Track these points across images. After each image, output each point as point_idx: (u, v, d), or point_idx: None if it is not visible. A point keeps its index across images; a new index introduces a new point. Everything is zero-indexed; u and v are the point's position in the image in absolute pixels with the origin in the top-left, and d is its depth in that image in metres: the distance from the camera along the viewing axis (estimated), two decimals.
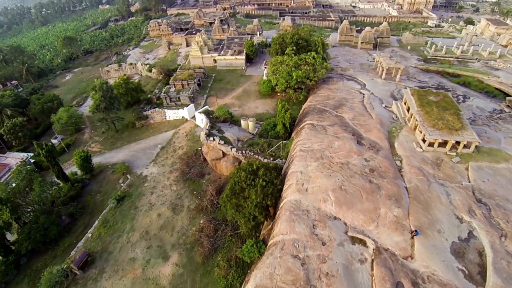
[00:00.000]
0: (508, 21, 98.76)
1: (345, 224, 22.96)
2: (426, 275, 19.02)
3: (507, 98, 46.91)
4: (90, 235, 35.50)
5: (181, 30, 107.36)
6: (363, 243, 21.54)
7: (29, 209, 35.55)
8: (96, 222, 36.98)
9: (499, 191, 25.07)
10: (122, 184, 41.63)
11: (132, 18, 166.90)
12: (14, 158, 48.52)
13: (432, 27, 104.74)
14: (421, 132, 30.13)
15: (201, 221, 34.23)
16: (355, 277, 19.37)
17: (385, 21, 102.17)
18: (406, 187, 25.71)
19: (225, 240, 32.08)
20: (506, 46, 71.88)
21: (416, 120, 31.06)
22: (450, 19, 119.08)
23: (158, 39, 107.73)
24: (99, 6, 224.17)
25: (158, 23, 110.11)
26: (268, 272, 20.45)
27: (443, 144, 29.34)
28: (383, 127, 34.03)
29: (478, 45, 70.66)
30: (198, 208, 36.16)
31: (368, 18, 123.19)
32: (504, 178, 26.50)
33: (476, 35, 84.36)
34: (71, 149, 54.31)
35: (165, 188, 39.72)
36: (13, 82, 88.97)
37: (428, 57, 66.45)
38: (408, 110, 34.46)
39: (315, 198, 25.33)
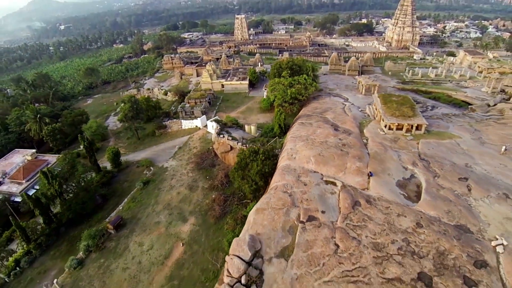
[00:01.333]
0: (488, 53, 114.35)
1: (321, 174, 32.47)
2: (376, 197, 28.15)
3: (470, 107, 58.31)
4: (121, 207, 44.49)
5: (191, 63, 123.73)
6: (333, 183, 30.86)
7: (71, 187, 44.81)
8: (126, 199, 46.14)
9: (439, 154, 34.84)
10: (146, 173, 51.31)
11: (145, 55, 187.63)
12: (52, 156, 58.65)
13: (417, 60, 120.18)
14: (383, 120, 40.63)
15: (213, 195, 43.35)
16: (326, 200, 28.49)
17: (375, 56, 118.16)
18: (368, 153, 35.57)
19: (232, 207, 40.92)
20: (480, 72, 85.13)
21: (380, 113, 41.73)
22: (434, 53, 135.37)
23: (171, 71, 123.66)
24: (114, 45, 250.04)
25: (171, 57, 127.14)
26: (265, 201, 29.59)
27: (400, 128, 39.66)
28: (356, 121, 44.78)
29: (456, 71, 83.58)
30: (210, 187, 45.47)
31: (359, 54, 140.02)
32: (445, 147, 36.42)
33: (453, 63, 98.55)
34: (98, 153, 64.60)
35: (183, 175, 49.34)
36: (40, 104, 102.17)
37: (406, 80, 79.37)
38: (376, 109, 45.27)
39: (301, 162, 35.12)
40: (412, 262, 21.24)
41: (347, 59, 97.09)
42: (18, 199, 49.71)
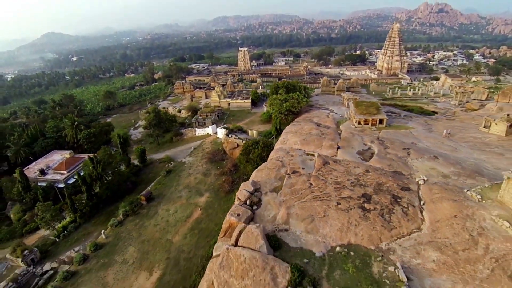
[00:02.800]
0: (473, 77, 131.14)
1: (304, 150, 45.06)
2: (341, 160, 40.45)
3: (436, 114, 71.84)
4: (149, 188, 56.37)
5: (200, 88, 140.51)
6: (312, 155, 43.28)
7: (109, 172, 57.06)
8: (152, 183, 58.16)
9: (393, 137, 47.55)
10: (168, 166, 63.76)
11: (156, 83, 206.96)
12: (86, 155, 71.39)
13: (404, 84, 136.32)
14: (354, 118, 53.84)
15: (223, 178, 55.47)
16: (306, 163, 40.78)
17: (366, 82, 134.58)
18: (340, 138, 48.42)
19: (238, 185, 52.67)
20: (457, 93, 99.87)
21: (352, 113, 55.11)
22: (422, 79, 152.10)
23: (182, 95, 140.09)
24: (125, 75, 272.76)
25: (182, 83, 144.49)
26: (263, 165, 41.94)
27: (367, 123, 52.74)
28: (335, 120, 58.20)
29: (431, 90, 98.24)
30: (221, 173, 57.74)
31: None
32: (400, 134, 49.22)
33: (433, 85, 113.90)
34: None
35: (198, 166, 61.84)
36: None
37: (387, 98, 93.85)
38: (350, 112, 58.73)
39: (290, 144, 47.94)
40: (359, 188, 33.23)
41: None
42: (61, 185, 61.82)
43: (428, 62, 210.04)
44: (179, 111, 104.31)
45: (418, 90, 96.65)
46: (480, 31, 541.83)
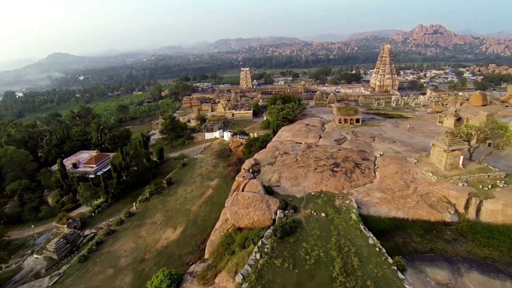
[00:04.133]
0: (459, 92, 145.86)
1: (294, 141, 58.02)
2: (321, 144, 53.34)
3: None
4: (169, 175, 68.73)
5: (206, 102, 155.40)
6: (300, 143, 56.23)
7: (134, 162, 69.69)
8: (170, 174, 70.53)
9: (365, 131, 60.68)
10: (182, 161, 76.42)
11: (163, 100, 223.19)
12: (111, 154, 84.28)
13: (395, 100, 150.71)
14: (336, 118, 67.12)
15: (229, 168, 67.95)
16: (295, 148, 53.64)
17: (357, 98, 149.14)
18: (323, 132, 61.48)
19: None
20: (432, 102, 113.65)
21: (334, 115, 68.49)
22: (412, 95, 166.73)
23: (189, 109, 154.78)
24: (133, 92, 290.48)
25: (189, 98, 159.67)
26: (262, 150, 54.80)
27: (347, 122, 65.89)
28: (321, 122, 71.51)
29: (413, 101, 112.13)
30: (227, 165, 70.31)
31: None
32: (371, 129, 62.38)
33: (417, 98, 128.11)
34: None
35: (208, 161, 74.56)
36: None
37: (373, 108, 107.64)
38: (333, 115, 72.15)
39: (283, 138, 61.09)
40: (332, 160, 45.90)
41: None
42: (92, 176, 74.30)
43: (418, 79, 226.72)
44: (188, 121, 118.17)
45: (401, 101, 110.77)
46: (474, 51, 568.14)
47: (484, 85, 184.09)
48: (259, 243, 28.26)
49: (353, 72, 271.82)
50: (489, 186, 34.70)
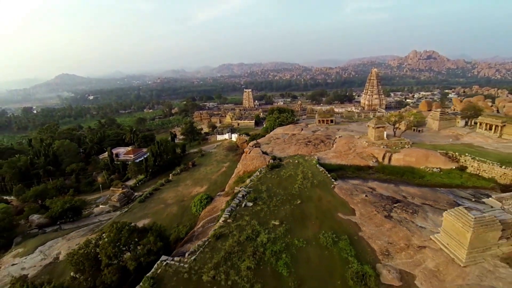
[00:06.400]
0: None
1: (284, 133, 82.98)
2: (302, 133, 78.25)
3: None
4: (192, 160, 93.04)
5: (215, 115, 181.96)
6: (287, 134, 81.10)
7: (164, 152, 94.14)
8: (193, 159, 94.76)
9: (335, 127, 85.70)
10: (200, 153, 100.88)
11: (173, 116, 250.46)
12: (143, 149, 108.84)
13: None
14: (316, 120, 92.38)
15: (237, 157, 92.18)
16: (284, 136, 78.48)
17: (344, 112, 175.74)
18: (305, 127, 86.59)
19: None
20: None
21: (316, 118, 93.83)
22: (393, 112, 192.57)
23: (200, 122, 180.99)
24: (144, 110, 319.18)
25: (200, 112, 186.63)
26: (261, 138, 79.62)
27: (324, 122, 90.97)
28: (306, 124, 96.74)
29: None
30: (235, 155, 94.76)
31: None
32: (341, 126, 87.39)
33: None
34: None
35: (221, 153, 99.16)
36: None
37: (354, 119, 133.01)
38: (316, 119, 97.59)
39: (277, 131, 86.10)
40: (307, 139, 70.80)
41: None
42: (131, 162, 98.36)
43: (405, 99, 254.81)
44: (201, 129, 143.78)
45: (376, 114, 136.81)
46: (466, 75, 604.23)
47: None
48: (259, 170, 52.44)
49: (347, 94, 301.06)
50: (399, 148, 59.27)
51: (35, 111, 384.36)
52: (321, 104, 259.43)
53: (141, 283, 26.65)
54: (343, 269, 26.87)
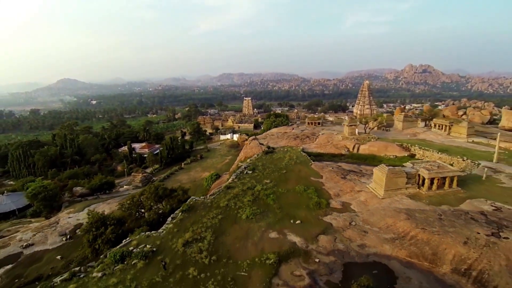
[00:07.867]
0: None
1: (278, 131, 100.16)
2: (293, 132, 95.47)
3: None
4: (200, 154, 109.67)
5: (217, 119, 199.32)
6: (281, 132, 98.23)
7: (176, 147, 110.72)
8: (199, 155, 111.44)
9: (320, 127, 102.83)
10: (207, 149, 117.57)
11: (177, 121, 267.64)
12: (156, 145, 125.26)
13: None
14: (306, 123, 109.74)
15: (238, 152, 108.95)
16: (278, 133, 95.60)
17: (334, 118, 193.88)
18: (296, 127, 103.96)
19: None
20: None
21: (305, 122, 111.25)
22: None
23: (203, 125, 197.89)
24: (147, 115, 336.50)
25: (203, 116, 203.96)
26: (259, 135, 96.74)
27: (312, 124, 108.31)
28: (298, 125, 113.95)
29: None
30: (237, 151, 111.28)
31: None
32: (326, 126, 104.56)
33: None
34: None
35: (224, 149, 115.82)
36: None
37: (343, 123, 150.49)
38: (306, 122, 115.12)
39: (272, 131, 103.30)
40: (296, 136, 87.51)
41: None
42: (145, 155, 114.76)
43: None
44: (205, 131, 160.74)
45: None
46: (460, 89, 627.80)
47: None
48: (256, 154, 69.21)
49: (341, 104, 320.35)
50: (367, 141, 76.30)
51: (41, 113, 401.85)
52: (317, 113, 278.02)
53: (181, 207, 43.11)
54: (308, 202, 43.39)
